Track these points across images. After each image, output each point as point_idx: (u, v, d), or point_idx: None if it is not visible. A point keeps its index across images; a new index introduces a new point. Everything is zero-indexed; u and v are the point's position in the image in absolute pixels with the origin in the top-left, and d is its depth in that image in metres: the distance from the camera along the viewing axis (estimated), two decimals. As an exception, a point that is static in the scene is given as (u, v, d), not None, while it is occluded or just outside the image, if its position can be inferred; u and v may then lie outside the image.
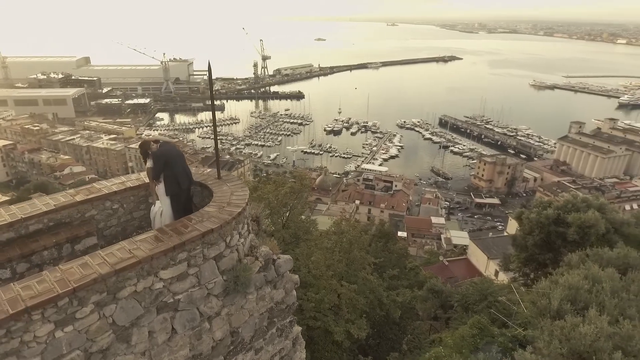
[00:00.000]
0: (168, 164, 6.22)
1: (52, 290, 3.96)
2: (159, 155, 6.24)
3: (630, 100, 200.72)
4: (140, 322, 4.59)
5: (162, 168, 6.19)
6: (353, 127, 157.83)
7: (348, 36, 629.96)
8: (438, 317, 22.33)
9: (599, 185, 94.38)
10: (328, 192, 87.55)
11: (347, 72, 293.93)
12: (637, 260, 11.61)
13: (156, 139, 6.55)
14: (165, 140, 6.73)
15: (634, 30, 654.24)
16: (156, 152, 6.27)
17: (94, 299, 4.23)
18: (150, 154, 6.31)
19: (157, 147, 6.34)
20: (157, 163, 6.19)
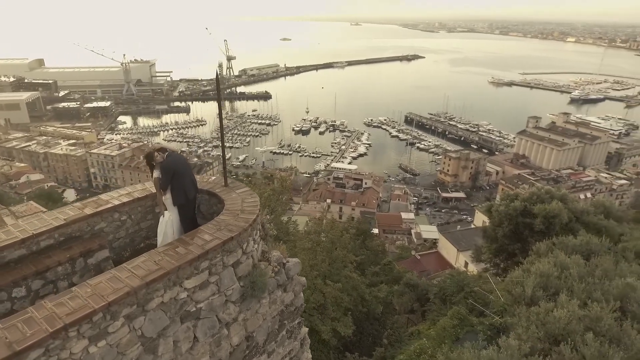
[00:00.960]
0: (176, 175, 6.18)
1: (87, 306, 3.97)
2: (167, 166, 6.16)
3: (580, 95, 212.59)
4: (166, 332, 4.62)
5: (171, 179, 6.14)
6: (321, 126, 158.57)
7: (313, 36, 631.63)
8: (414, 310, 22.97)
9: (555, 176, 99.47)
10: (299, 192, 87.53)
11: (314, 71, 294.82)
12: (599, 247, 12.45)
13: (161, 147, 6.45)
14: (172, 149, 6.58)
15: (582, 30, 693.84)
16: (164, 163, 6.20)
17: (125, 312, 4.26)
18: (158, 165, 6.24)
19: (164, 157, 6.25)
20: (165, 174, 6.12)
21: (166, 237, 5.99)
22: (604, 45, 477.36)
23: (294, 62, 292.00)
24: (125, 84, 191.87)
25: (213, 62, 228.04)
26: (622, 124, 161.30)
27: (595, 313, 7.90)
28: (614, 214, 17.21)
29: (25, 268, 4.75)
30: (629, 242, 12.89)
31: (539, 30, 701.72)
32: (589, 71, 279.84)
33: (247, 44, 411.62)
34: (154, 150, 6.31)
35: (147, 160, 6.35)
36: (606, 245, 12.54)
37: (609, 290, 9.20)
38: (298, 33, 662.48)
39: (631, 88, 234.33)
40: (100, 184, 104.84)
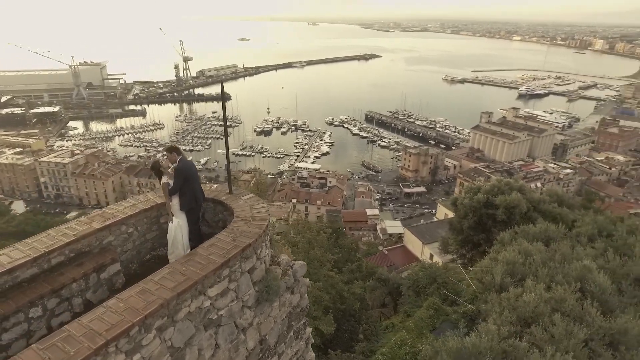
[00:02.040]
0: (187, 180, 6.19)
1: (125, 321, 3.94)
2: (181, 170, 6.17)
3: (527, 90, 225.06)
4: (192, 341, 4.63)
5: (182, 183, 6.13)
6: (283, 126, 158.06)
7: (271, 36, 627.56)
8: (386, 304, 23.57)
9: (508, 168, 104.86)
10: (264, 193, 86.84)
11: (273, 71, 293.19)
12: (556, 233, 13.37)
13: (170, 148, 6.42)
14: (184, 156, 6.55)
15: (526, 29, 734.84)
16: (179, 167, 6.19)
17: (157, 324, 4.27)
18: (167, 170, 6.22)
19: (175, 160, 6.24)
20: (178, 178, 6.12)
21: (176, 243, 5.96)
22: (546, 44, 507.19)
23: (253, 63, 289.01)
24: (75, 87, 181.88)
25: (169, 64, 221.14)
26: (565, 116, 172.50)
27: (559, 295, 8.52)
28: (566, 202, 18.50)
29: (40, 287, 4.63)
30: (582, 228, 13.92)
31: (487, 30, 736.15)
32: (534, 68, 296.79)
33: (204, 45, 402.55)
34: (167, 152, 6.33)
35: (154, 168, 6.37)
36: (562, 231, 13.48)
37: (569, 273, 9.94)
38: (256, 33, 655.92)
39: (572, 83, 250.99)
40: (52, 194, 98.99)
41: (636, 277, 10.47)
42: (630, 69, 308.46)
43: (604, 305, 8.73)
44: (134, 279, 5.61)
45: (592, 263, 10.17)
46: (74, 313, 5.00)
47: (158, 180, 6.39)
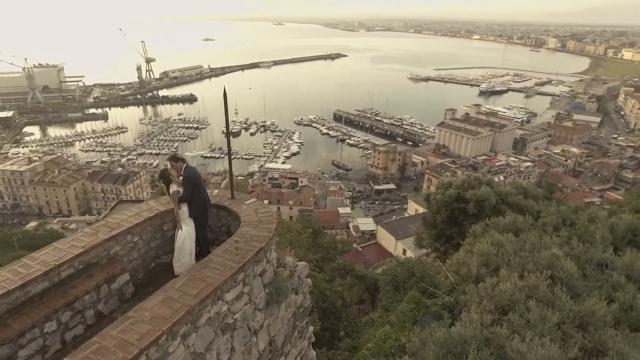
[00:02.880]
0: (196, 186, 6.23)
1: (155, 329, 3.93)
2: (191, 177, 6.21)
3: (487, 88, 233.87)
4: (212, 346, 4.65)
5: (193, 190, 6.16)
6: (252, 127, 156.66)
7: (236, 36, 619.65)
8: (364, 300, 23.95)
9: (473, 163, 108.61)
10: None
11: (239, 72, 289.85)
12: (524, 224, 14.07)
13: (175, 157, 6.44)
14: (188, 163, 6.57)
15: (485, 28, 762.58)
16: (187, 174, 6.22)
17: (182, 330, 4.28)
18: (176, 178, 6.23)
19: (181, 168, 6.28)
20: (188, 186, 6.14)
21: (183, 251, 5.95)
22: (503, 42, 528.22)
23: (218, 63, 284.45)
24: (30, 91, 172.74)
25: (131, 65, 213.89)
26: (523, 112, 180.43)
27: (532, 282, 9.02)
28: (531, 193, 19.48)
29: (54, 301, 4.54)
30: (547, 218, 14.68)
31: (448, 29, 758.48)
32: (493, 65, 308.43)
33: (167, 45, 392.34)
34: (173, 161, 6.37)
35: (162, 177, 6.36)
36: (529, 222, 14.20)
37: (539, 261, 10.52)
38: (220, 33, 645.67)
39: (528, 80, 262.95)
40: (9, 203, 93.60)
41: (598, 262, 11.19)
42: (580, 65, 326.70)
43: (572, 290, 9.30)
44: (141, 287, 5.54)
45: (559, 251, 10.80)
46: (86, 325, 4.93)
47: (166, 189, 6.35)
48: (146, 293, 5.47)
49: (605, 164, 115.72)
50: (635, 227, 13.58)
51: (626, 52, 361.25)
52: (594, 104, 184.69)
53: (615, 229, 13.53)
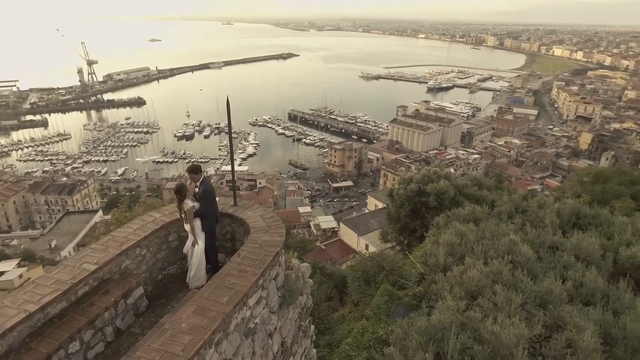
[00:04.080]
0: (213, 199, 6.21)
1: (196, 339, 3.95)
2: (210, 190, 6.14)
3: (435, 84, 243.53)
4: (239, 351, 4.67)
5: (210, 204, 6.14)
6: (205, 129, 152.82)
7: (184, 36, 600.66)
8: (332, 297, 24.31)
9: (425, 157, 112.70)
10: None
11: (189, 73, 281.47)
12: (481, 213, 14.96)
13: (195, 168, 6.34)
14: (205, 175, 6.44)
15: (429, 27, 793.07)
16: (208, 188, 6.14)
17: (217, 338, 4.29)
18: (193, 192, 6.12)
19: (197, 182, 6.20)
20: (207, 199, 6.08)
21: (201, 265, 5.92)
22: (447, 41, 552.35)
23: (166, 64, 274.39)
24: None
25: (70, 68, 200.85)
26: (469, 107, 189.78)
27: (496, 268, 9.67)
28: (485, 184, 20.67)
29: (75, 320, 4.40)
30: (501, 207, 15.69)
31: (395, 28, 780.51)
32: (439, 63, 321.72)
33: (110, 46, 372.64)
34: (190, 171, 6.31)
35: (180, 192, 6.11)
36: (486, 211, 15.12)
37: (499, 247, 11.27)
38: (167, 33, 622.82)
39: (471, 76, 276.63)
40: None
41: (550, 245, 12.15)
42: (517, 62, 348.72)
43: (531, 272, 10.08)
44: (152, 300, 5.41)
45: (517, 237, 11.65)
46: (106, 342, 4.83)
47: (178, 203, 6.14)
48: (159, 305, 5.45)
49: (544, 153, 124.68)
50: (579, 211, 14.84)
51: (557, 48, 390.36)
52: (531, 98, 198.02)
53: (561, 214, 14.73)
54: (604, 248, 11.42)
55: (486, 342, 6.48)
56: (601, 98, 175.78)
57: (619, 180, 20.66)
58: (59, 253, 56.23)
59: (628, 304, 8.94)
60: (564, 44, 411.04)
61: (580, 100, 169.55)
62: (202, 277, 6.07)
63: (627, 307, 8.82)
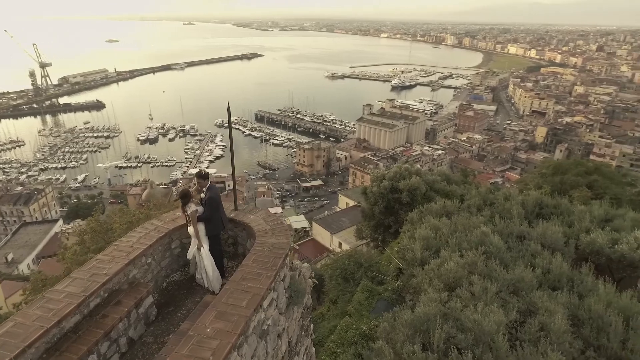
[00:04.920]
0: (219, 205, 6.22)
1: (224, 343, 3.98)
2: (216, 197, 6.15)
3: (398, 83, 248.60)
4: (255, 353, 4.67)
5: (215, 209, 6.14)
6: (170, 132, 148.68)
7: (144, 36, 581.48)
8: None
9: (392, 154, 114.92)
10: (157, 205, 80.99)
11: (151, 75, 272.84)
12: (453, 208, 15.53)
13: (203, 174, 6.36)
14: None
15: (391, 27, 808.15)
16: (214, 194, 6.15)
17: (239, 341, 4.30)
18: (202, 194, 6.15)
19: (203, 187, 6.19)
20: (212, 205, 6.08)
21: (208, 268, 5.92)
22: (409, 40, 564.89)
23: (126, 66, 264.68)
24: None
25: (22, 71, 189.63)
26: (431, 104, 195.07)
27: (471, 259, 10.10)
28: (453, 179, 21.43)
29: (92, 333, 4.32)
30: (470, 200, 16.35)
31: (358, 28, 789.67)
32: (401, 62, 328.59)
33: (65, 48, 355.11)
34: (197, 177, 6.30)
35: (185, 197, 6.16)
36: (457, 205, 15.72)
37: (471, 239, 11.76)
38: (126, 34, 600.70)
39: (433, 74, 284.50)
40: None
41: (517, 235, 12.79)
42: (475, 60, 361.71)
43: (502, 261, 10.60)
44: (161, 309, 5.33)
45: (487, 228, 12.20)
46: (121, 354, 4.76)
47: (182, 208, 6.16)
48: (168, 313, 5.39)
49: (503, 147, 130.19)
50: (541, 202, 15.69)
51: (511, 47, 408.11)
52: (489, 94, 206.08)
53: (525, 205, 15.53)
54: (566, 235, 12.15)
55: (468, 330, 6.80)
56: (553, 93, 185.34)
57: (576, 171, 22.00)
58: (17, 266, 53.16)
59: (591, 287, 9.59)
60: (518, 42, 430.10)
61: (534, 96, 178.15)
62: (219, 277, 6.14)
63: (590, 290, 9.45)
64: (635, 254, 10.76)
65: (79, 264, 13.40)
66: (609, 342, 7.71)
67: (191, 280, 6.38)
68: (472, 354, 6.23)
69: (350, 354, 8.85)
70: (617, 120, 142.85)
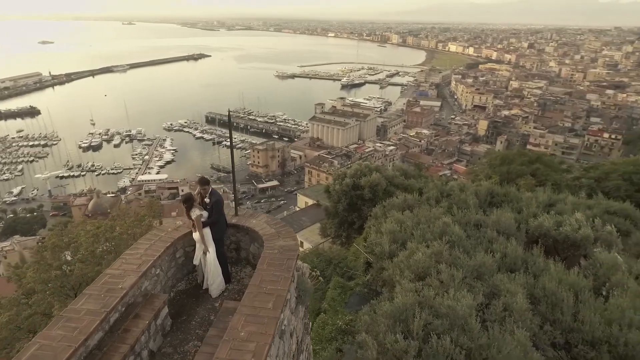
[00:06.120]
0: (222, 209, 6.23)
1: (262, 344, 4.06)
2: (220, 202, 6.15)
3: (348, 82, 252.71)
4: (278, 352, 4.73)
5: (220, 214, 6.17)
6: (115, 138, 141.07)
7: (80, 37, 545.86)
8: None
9: (346, 152, 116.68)
10: (107, 215, 76.78)
11: (90, 78, 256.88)
12: (413, 201, 16.23)
13: (205, 180, 6.34)
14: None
15: (338, 26, 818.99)
16: (218, 199, 6.16)
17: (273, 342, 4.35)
18: (211, 200, 6.15)
19: (206, 192, 6.18)
20: (217, 209, 6.10)
21: (215, 273, 5.94)
22: (356, 39, 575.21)
23: (62, 69, 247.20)
24: None
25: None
26: (381, 102, 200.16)
27: (436, 249, 10.66)
28: (410, 174, 22.30)
29: (117, 348, 4.25)
30: (429, 193, 17.14)
31: (305, 27, 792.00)
32: (349, 60, 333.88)
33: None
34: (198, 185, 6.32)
35: (188, 201, 6.11)
36: (417, 198, 16.43)
37: (434, 230, 12.39)
38: (61, 35, 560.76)
39: (380, 73, 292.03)
40: None
41: (475, 223, 13.65)
42: (419, 58, 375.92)
43: (464, 249, 11.29)
44: (172, 318, 5.21)
45: (448, 219, 12.89)
46: None
47: (186, 213, 6.12)
48: (181, 323, 5.32)
49: (449, 141, 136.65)
50: (492, 191, 16.79)
51: (451, 45, 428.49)
52: (434, 91, 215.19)
53: (478, 194, 16.55)
54: (517, 221, 13.12)
55: (444, 315, 7.24)
56: (492, 89, 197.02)
57: (520, 161, 23.72)
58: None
59: (543, 267, 10.47)
60: (457, 40, 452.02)
61: (475, 92, 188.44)
62: (222, 283, 6.19)
63: (543, 269, 10.32)
64: (577, 234, 11.84)
65: (44, 282, 12.55)
66: (562, 315, 8.49)
67: (197, 288, 6.37)
68: (450, 337, 6.66)
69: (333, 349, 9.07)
70: (549, 112, 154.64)
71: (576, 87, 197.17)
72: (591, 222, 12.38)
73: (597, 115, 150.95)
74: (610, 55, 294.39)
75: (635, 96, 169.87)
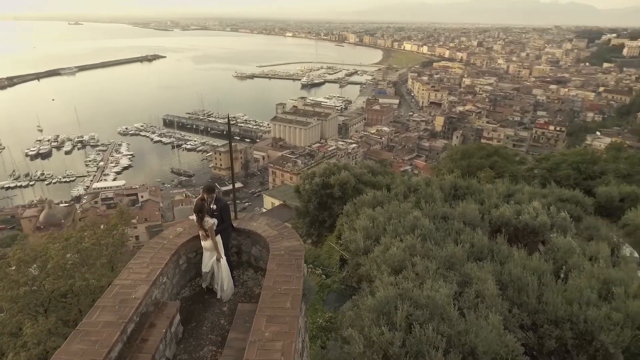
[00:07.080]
0: (230, 214, 6.24)
1: (288, 342, 4.11)
2: (227, 207, 6.14)
3: (308, 81, 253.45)
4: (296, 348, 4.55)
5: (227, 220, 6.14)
6: (66, 144, 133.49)
7: (22, 38, 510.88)
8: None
9: (309, 151, 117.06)
10: (61, 225, 72.71)
11: (35, 81, 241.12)
12: (382, 197, 16.65)
13: (212, 188, 6.23)
14: None
15: (295, 26, 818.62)
16: (225, 205, 6.12)
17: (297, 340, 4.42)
18: (218, 206, 6.09)
19: (213, 199, 6.11)
20: (226, 215, 6.09)
21: (225, 279, 5.96)
22: (314, 39, 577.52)
23: (2, 72, 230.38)
24: None
25: None
26: (341, 100, 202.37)
27: (410, 243, 11.06)
28: (377, 171, 22.82)
29: (138, 358, 4.20)
30: (397, 189, 17.65)
31: (263, 27, 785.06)
32: (308, 60, 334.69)
33: None
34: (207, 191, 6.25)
35: (201, 211, 5.99)
36: (386, 194, 16.88)
37: (405, 224, 12.82)
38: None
39: (339, 72, 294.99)
40: None
41: (442, 216, 14.24)
42: (376, 57, 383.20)
43: (435, 241, 11.77)
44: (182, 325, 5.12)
45: (417, 213, 13.38)
46: None
47: (198, 222, 6.01)
48: (192, 329, 5.25)
49: (409, 137, 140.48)
50: (455, 184, 17.57)
51: (406, 44, 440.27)
52: (391, 89, 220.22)
53: (443, 188, 17.25)
54: (481, 212, 13.82)
55: (424, 306, 7.57)
56: (446, 86, 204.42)
57: (480, 155, 24.92)
58: None
59: (507, 254, 11.13)
60: (412, 40, 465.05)
61: (430, 89, 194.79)
62: (232, 288, 6.24)
63: (507, 256, 10.98)
64: (535, 221, 12.66)
65: (11, 301, 11.66)
66: (528, 298, 9.09)
67: (201, 294, 6.32)
68: (431, 326, 6.99)
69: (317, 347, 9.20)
70: (499, 107, 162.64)
71: (523, 83, 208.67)
72: (547, 210, 13.23)
73: (543, 109, 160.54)
74: (552, 52, 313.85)
75: (575, 90, 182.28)
